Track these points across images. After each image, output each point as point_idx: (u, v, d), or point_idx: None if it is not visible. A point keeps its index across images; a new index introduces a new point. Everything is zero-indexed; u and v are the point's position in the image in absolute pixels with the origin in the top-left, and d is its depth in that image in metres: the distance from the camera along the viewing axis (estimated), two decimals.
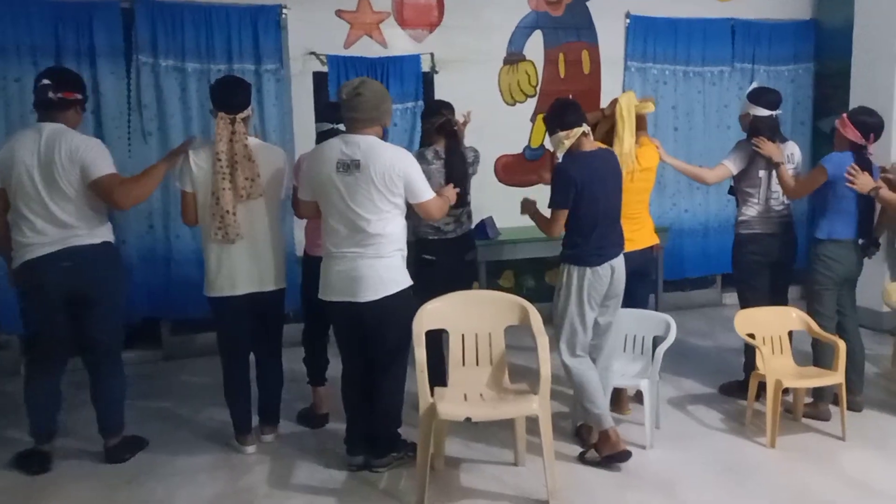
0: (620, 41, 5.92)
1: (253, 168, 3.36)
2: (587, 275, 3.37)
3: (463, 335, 3.34)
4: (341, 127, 3.76)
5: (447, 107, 3.99)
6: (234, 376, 3.59)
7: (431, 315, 3.21)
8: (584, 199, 3.33)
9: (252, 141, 3.43)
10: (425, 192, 3.18)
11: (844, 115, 3.85)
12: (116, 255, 3.59)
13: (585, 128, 3.38)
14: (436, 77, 5.46)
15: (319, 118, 3.92)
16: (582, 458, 3.46)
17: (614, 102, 3.73)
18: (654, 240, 4.02)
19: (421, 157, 3.76)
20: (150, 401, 4.40)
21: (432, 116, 3.96)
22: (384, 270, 3.13)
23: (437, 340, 3.35)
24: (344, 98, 3.10)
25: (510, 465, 3.44)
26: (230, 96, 3.38)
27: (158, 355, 5.22)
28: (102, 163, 3.33)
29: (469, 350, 3.34)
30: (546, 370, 3.04)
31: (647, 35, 5.94)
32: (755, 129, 4.01)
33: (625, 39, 5.92)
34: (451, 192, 3.44)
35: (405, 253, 3.26)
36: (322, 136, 3.81)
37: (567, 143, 3.35)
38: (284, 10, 5.10)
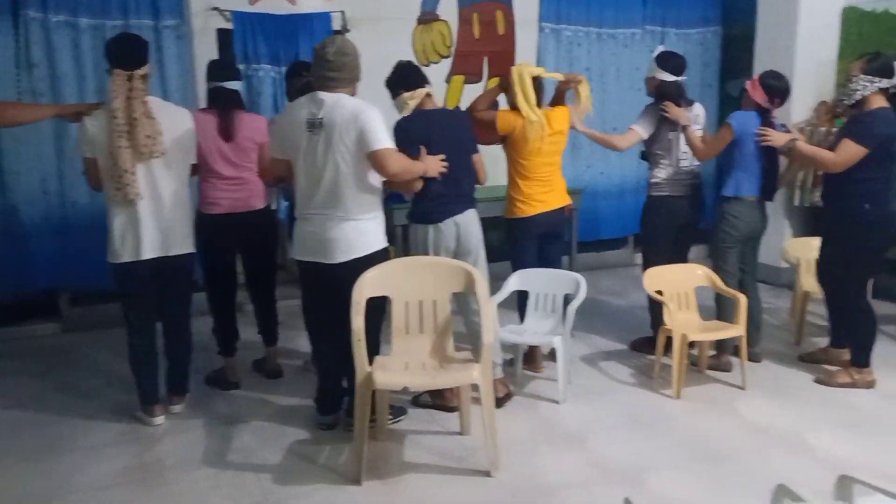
0: (534, 2, 5.90)
1: (153, 126, 3.21)
2: (430, 232, 3.46)
3: (407, 302, 3.26)
4: (227, 84, 3.71)
5: (308, 67, 3.91)
6: (140, 346, 3.47)
7: (373, 282, 3.12)
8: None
9: (152, 99, 3.28)
10: (379, 141, 2.98)
11: (756, 77, 3.94)
12: None
13: (429, 88, 3.50)
14: (347, 36, 5.28)
15: (221, 77, 3.78)
16: (415, 400, 3.65)
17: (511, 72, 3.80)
18: (565, 201, 4.04)
19: None
20: (49, 375, 4.21)
21: (293, 77, 3.93)
22: (353, 233, 3.09)
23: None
24: (330, 59, 3.01)
25: (456, 434, 3.39)
26: (126, 52, 3.22)
27: (58, 328, 5.00)
28: None
29: (413, 318, 3.28)
30: (489, 337, 2.99)
31: None
32: (661, 93, 4.08)
33: (538, 0, 5.89)
34: (431, 163, 3.32)
35: (381, 216, 3.20)
36: (212, 93, 3.75)
37: (412, 104, 3.45)
38: None
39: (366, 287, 3.08)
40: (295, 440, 3.35)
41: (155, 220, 3.32)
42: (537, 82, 3.77)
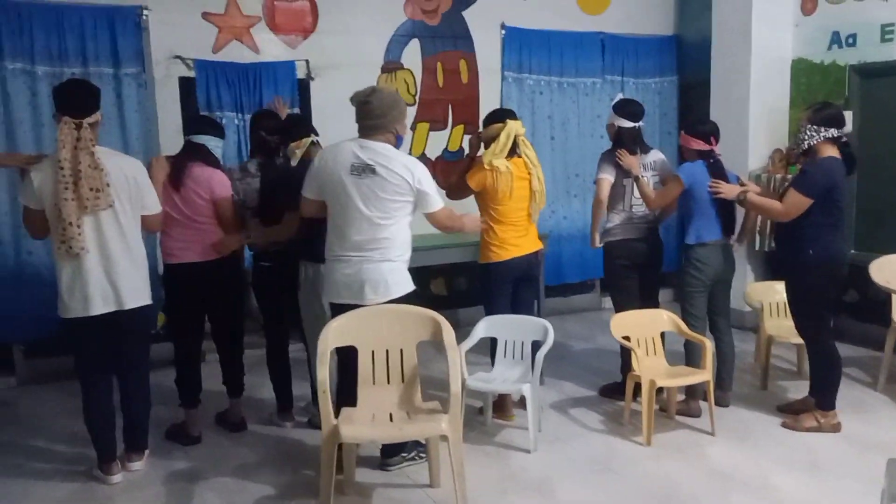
0: (497, 51, 6.01)
1: (100, 178, 3.11)
2: (321, 269, 3.51)
3: (373, 352, 3.21)
4: (193, 138, 3.74)
5: (266, 120, 4.01)
6: (95, 401, 3.35)
7: (338, 331, 3.08)
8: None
9: (101, 149, 3.19)
10: (436, 203, 3.25)
11: (682, 131, 4.10)
12: None
13: (314, 137, 3.78)
14: (312, 84, 5.34)
15: (191, 130, 3.82)
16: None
17: (497, 130, 3.87)
18: (537, 245, 4.10)
19: (244, 170, 3.90)
20: (1, 431, 4.03)
21: (253, 131, 4.02)
22: (389, 274, 3.18)
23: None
24: (354, 106, 3.20)
25: (425, 486, 3.31)
26: (75, 99, 3.14)
27: (11, 382, 4.80)
28: None
29: (379, 367, 3.22)
30: (456, 386, 2.95)
31: (522, 46, 6.06)
32: (618, 139, 4.18)
33: (501, 50, 6.01)
34: (472, 220, 3.64)
35: (408, 258, 3.30)
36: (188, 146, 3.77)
37: (298, 153, 3.69)
38: (145, 12, 4.83)
39: (331, 337, 3.03)
40: (260, 496, 3.24)
41: (104, 274, 3.21)
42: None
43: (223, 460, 3.61)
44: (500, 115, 3.98)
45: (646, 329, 4.03)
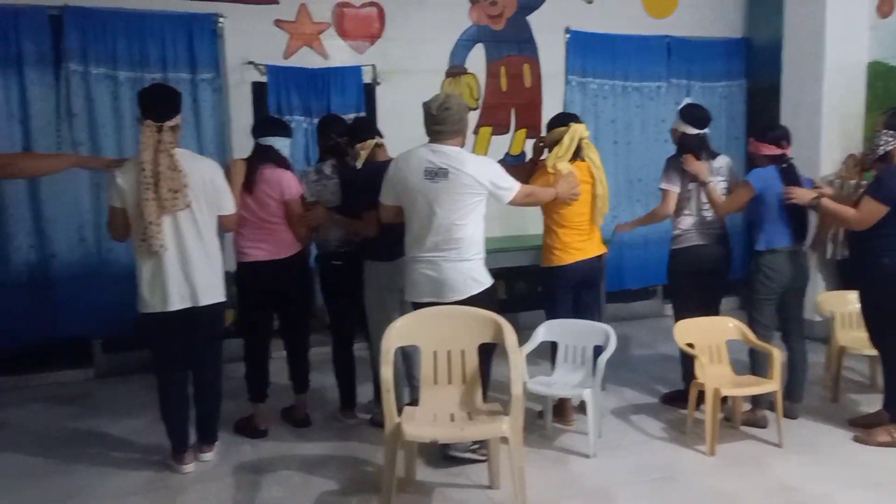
0: (561, 56, 6.00)
1: (178, 179, 3.24)
2: (388, 268, 3.71)
3: (435, 352, 3.27)
4: (262, 140, 3.84)
5: (336, 125, 4.07)
6: (170, 393, 3.48)
7: (402, 331, 3.16)
8: None
9: (180, 151, 3.32)
10: (510, 193, 3.37)
11: (751, 139, 4.01)
12: None
13: (378, 140, 3.87)
14: (378, 89, 5.44)
15: (259, 133, 3.91)
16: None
17: (561, 133, 3.86)
18: (601, 249, 4.08)
19: (319, 172, 3.97)
20: (80, 421, 4.23)
21: (323, 135, 4.08)
22: (467, 272, 3.30)
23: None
24: (434, 113, 3.28)
25: (485, 487, 3.34)
26: (158, 103, 3.28)
27: (90, 373, 5.03)
28: None
29: (441, 368, 3.28)
30: (518, 389, 2.98)
31: (586, 50, 6.03)
32: (683, 145, 4.12)
33: (565, 54, 6.00)
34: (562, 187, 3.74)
35: (484, 256, 3.40)
36: (258, 149, 3.87)
37: (363, 154, 3.83)
38: (221, 19, 5.02)
39: (394, 336, 3.09)
40: (323, 491, 3.32)
41: (181, 271, 3.34)
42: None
43: (288, 454, 3.71)
44: (564, 119, 3.98)
45: (711, 336, 3.96)
